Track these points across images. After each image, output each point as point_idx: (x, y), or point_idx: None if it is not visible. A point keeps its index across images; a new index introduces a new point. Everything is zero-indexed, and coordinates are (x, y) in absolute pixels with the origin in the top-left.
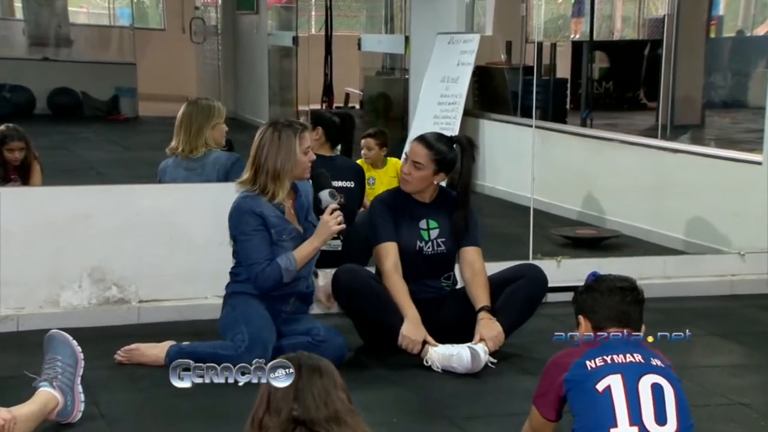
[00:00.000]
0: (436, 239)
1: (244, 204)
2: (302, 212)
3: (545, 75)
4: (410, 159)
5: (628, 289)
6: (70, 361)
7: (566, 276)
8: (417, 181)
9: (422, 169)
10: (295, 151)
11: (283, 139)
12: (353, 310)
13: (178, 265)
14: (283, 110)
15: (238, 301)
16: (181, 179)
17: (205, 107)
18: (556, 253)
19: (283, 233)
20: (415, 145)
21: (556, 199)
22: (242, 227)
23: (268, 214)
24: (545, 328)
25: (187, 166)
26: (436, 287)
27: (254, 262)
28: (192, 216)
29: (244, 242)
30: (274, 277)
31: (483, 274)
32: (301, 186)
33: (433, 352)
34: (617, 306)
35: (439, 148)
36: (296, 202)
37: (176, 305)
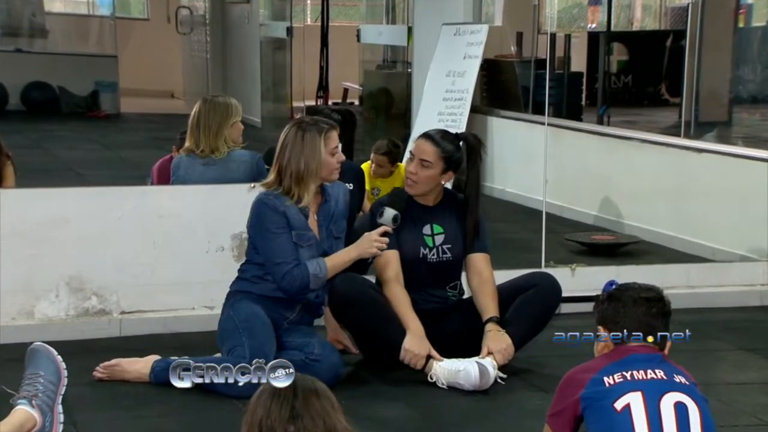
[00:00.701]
0: (442, 246)
1: (268, 201)
2: (326, 219)
3: (559, 69)
4: (416, 157)
5: (653, 299)
6: (53, 378)
7: (581, 285)
8: (424, 181)
9: (430, 168)
10: (320, 152)
11: (306, 139)
12: (352, 322)
13: (164, 274)
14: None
15: (241, 306)
16: (196, 178)
17: (223, 105)
18: (571, 261)
19: (302, 239)
20: (422, 142)
21: (571, 202)
22: (266, 224)
23: (291, 215)
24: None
25: (206, 163)
26: (441, 297)
27: (282, 261)
28: (180, 220)
29: (269, 240)
30: (301, 280)
31: (491, 283)
32: (332, 190)
33: (437, 367)
34: (642, 318)
35: (447, 146)
36: (322, 207)
37: (161, 317)
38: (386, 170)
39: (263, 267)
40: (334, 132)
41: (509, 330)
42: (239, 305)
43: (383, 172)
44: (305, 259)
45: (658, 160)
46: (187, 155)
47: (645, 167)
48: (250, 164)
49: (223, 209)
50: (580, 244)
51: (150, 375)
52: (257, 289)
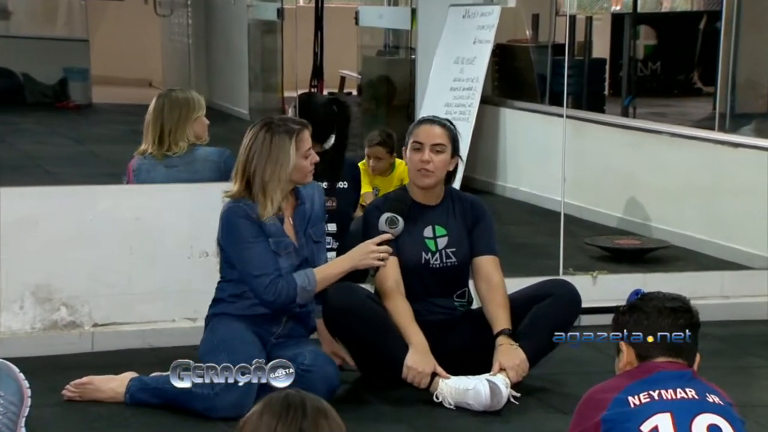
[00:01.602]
0: (445, 249)
1: (238, 209)
2: (302, 223)
3: (579, 55)
4: (428, 144)
5: (680, 310)
6: (15, 399)
7: (603, 294)
8: (441, 168)
9: (443, 152)
10: (289, 158)
11: (275, 144)
12: (348, 337)
13: (142, 282)
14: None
15: (219, 326)
16: (160, 180)
17: (183, 100)
18: (592, 268)
19: (280, 246)
20: (429, 127)
21: (592, 202)
22: (240, 233)
23: (266, 222)
24: (578, 357)
25: (167, 165)
26: (447, 307)
27: (261, 272)
28: (159, 222)
29: (245, 250)
30: (287, 293)
31: (502, 290)
32: (306, 192)
33: (444, 385)
34: (667, 330)
35: (450, 130)
36: (296, 210)
37: (138, 329)
38: (385, 163)
39: (240, 284)
40: (306, 132)
41: (523, 344)
42: (217, 326)
43: (382, 166)
44: (285, 268)
45: (689, 155)
46: (144, 157)
47: (675, 164)
48: (216, 164)
49: (207, 210)
50: (602, 249)
51: (125, 395)
52: (235, 309)
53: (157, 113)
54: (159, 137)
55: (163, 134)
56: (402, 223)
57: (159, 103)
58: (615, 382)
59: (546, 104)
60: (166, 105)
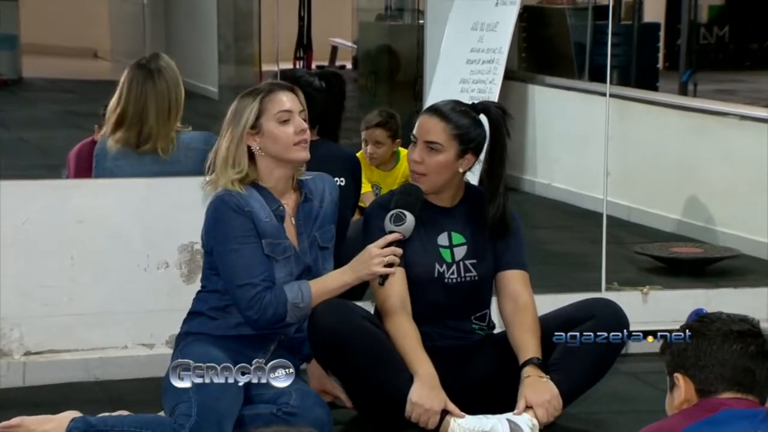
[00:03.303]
0: (464, 261)
1: (230, 199)
2: (308, 223)
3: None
4: (420, 140)
5: (749, 334)
6: None
7: (656, 315)
8: (435, 171)
9: (440, 152)
10: (244, 119)
11: (237, 106)
12: (341, 367)
13: (86, 300)
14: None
15: (191, 350)
16: (129, 171)
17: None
18: (642, 282)
19: (276, 250)
20: (426, 119)
21: (642, 202)
22: (227, 230)
23: (261, 216)
24: (625, 392)
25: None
26: (464, 331)
27: (247, 281)
28: (107, 226)
29: (231, 253)
30: (275, 310)
31: (531, 310)
32: (314, 185)
33: (456, 426)
34: (735, 360)
35: (460, 120)
36: (301, 207)
37: (81, 359)
38: (387, 150)
39: (226, 296)
40: (281, 94)
41: (556, 377)
42: (189, 350)
43: (382, 153)
44: (281, 278)
45: (763, 143)
46: (110, 139)
47: (745, 154)
48: (202, 152)
49: (167, 211)
50: (655, 258)
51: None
52: (215, 328)
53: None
54: (138, 129)
55: (145, 125)
56: (411, 219)
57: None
58: (670, 423)
59: (585, 80)
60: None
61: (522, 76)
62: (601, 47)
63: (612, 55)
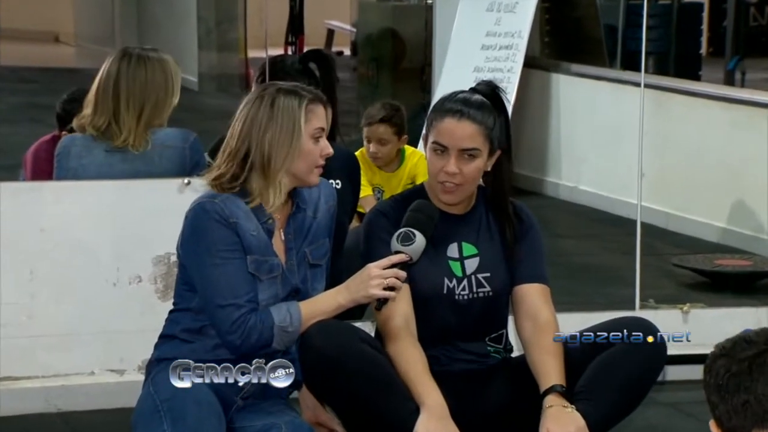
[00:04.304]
0: (476, 275)
1: (212, 207)
2: (299, 238)
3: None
4: (453, 149)
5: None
6: None
7: (698, 336)
8: (472, 180)
9: (477, 157)
10: (299, 131)
11: (279, 109)
12: (337, 397)
13: (47, 320)
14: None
15: (165, 377)
16: (95, 171)
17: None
18: (681, 299)
19: (262, 268)
20: (455, 124)
21: (682, 207)
22: (209, 242)
23: (247, 229)
24: (663, 425)
25: (110, 148)
26: (477, 354)
27: (230, 302)
28: (72, 236)
29: (211, 268)
30: (259, 335)
31: (553, 331)
32: (309, 194)
33: None
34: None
35: (485, 116)
36: (291, 219)
37: (42, 386)
38: (391, 149)
39: (201, 316)
40: (321, 107)
41: (582, 406)
42: (161, 378)
43: (387, 153)
44: (264, 300)
45: None
46: (83, 135)
47: None
48: (179, 151)
49: (140, 218)
50: (696, 272)
51: None
52: (190, 352)
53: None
54: (113, 122)
55: (125, 119)
56: (421, 240)
57: (122, 68)
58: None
59: (617, 68)
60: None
61: (545, 63)
62: (636, 30)
63: (648, 40)
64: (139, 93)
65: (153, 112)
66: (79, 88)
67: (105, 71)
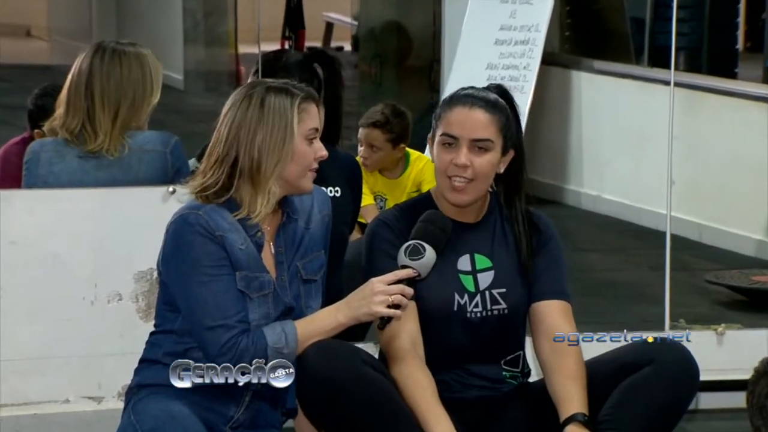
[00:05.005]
0: (490, 290)
1: (197, 219)
2: (290, 251)
3: None
4: (465, 138)
5: None
6: None
7: (734, 360)
8: (484, 176)
9: (489, 150)
10: (291, 133)
11: (269, 109)
12: (337, 425)
13: (16, 342)
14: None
15: (148, 407)
16: (68, 179)
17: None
18: (715, 319)
19: (252, 285)
20: (467, 112)
21: (716, 218)
22: (194, 258)
23: (235, 242)
24: None
25: (83, 154)
26: (491, 379)
27: (219, 323)
28: (44, 249)
29: (198, 286)
30: (252, 358)
31: (575, 354)
32: (300, 202)
33: None
34: None
35: (497, 109)
36: (282, 230)
37: (10, 416)
38: (384, 157)
39: (185, 338)
40: (314, 106)
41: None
42: (143, 407)
43: (377, 159)
44: (254, 320)
45: None
46: (54, 139)
47: None
48: (160, 156)
49: (120, 230)
50: (732, 289)
51: None
52: None
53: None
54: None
55: (101, 120)
56: (431, 254)
57: (95, 64)
58: None
59: (644, 65)
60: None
61: (565, 60)
62: (665, 23)
63: (678, 34)
64: (114, 91)
65: (130, 112)
66: (53, 83)
67: (77, 68)
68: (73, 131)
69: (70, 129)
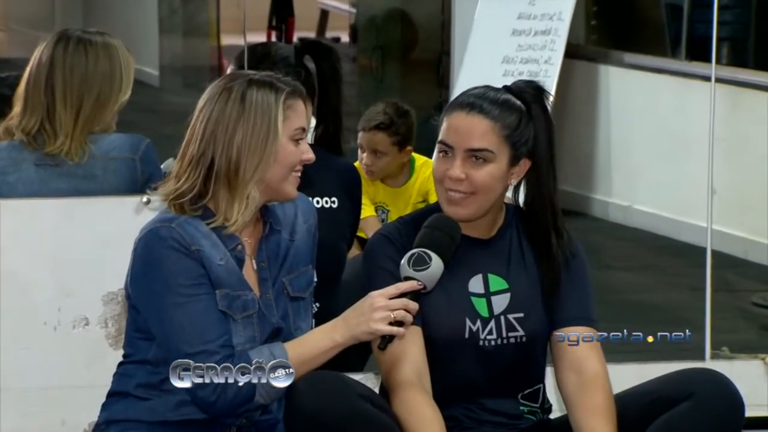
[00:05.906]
0: (506, 315)
1: (169, 233)
2: (274, 265)
3: None
4: (458, 148)
5: None
6: None
7: None
8: (484, 190)
9: (490, 162)
10: (275, 133)
11: (251, 105)
12: None
13: None
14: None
15: None
16: (24, 189)
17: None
18: (763, 347)
19: (234, 304)
20: (462, 118)
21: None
22: (166, 280)
23: (213, 257)
24: None
25: (41, 160)
26: (508, 415)
27: (199, 350)
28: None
29: (173, 308)
30: (238, 388)
31: (603, 387)
32: (283, 212)
33: None
34: None
35: (507, 114)
36: (264, 242)
37: None
38: (389, 163)
39: (161, 367)
40: (301, 102)
41: None
42: None
43: (382, 166)
44: (239, 344)
45: None
46: (10, 143)
47: None
48: (128, 163)
49: (87, 246)
50: None
51: None
52: (149, 412)
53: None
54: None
55: (62, 118)
56: (438, 264)
57: (57, 55)
58: None
59: (681, 59)
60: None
61: (591, 52)
62: (705, 11)
63: (720, 23)
64: (77, 86)
65: (94, 110)
66: (13, 74)
67: (36, 59)
68: (30, 132)
69: (27, 129)
